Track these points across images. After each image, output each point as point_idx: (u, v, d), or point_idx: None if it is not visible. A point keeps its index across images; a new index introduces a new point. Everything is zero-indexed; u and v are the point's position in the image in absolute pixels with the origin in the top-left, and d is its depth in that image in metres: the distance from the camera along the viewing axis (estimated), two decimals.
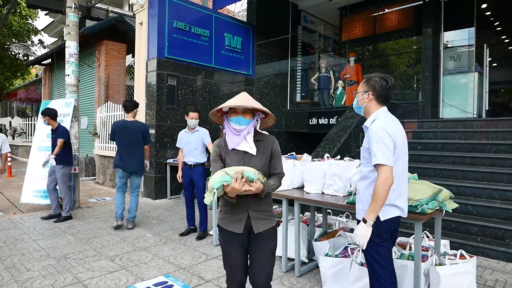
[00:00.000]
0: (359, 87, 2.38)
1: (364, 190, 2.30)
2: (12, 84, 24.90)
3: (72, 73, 6.31)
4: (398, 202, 2.22)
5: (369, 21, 9.70)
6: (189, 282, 3.31)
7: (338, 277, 3.02)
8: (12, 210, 6.05)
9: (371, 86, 2.28)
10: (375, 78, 2.29)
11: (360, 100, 2.34)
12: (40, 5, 9.46)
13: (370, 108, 2.30)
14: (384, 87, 2.25)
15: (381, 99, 2.28)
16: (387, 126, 2.15)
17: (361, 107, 2.35)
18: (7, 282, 3.25)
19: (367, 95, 2.29)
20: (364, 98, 2.31)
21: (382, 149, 2.09)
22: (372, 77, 2.31)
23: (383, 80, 2.26)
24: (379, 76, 2.29)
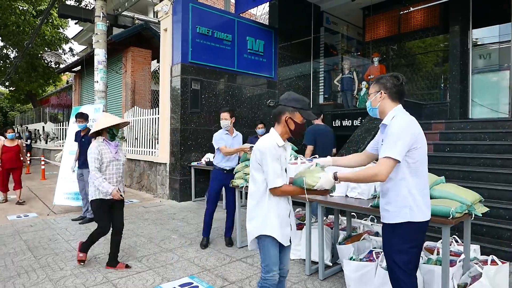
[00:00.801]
0: (371, 88, 2.33)
1: (389, 191, 2.23)
2: (45, 91, 26.08)
3: (100, 79, 6.56)
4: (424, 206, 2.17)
5: (394, 21, 9.52)
6: (213, 283, 3.36)
7: (362, 281, 2.98)
8: (46, 212, 6.34)
9: (382, 84, 2.24)
10: (386, 77, 2.26)
11: (373, 101, 2.29)
12: (71, 15, 9.92)
13: (385, 107, 2.23)
14: (395, 84, 2.21)
15: (395, 96, 2.22)
16: (410, 124, 2.11)
17: (376, 107, 2.28)
18: (42, 280, 3.41)
19: (379, 94, 2.24)
20: (377, 98, 2.25)
21: (399, 144, 2.03)
22: (382, 76, 2.28)
23: (394, 78, 2.22)
24: (389, 75, 2.26)
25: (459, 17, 7.22)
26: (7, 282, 3.36)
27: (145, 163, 8.56)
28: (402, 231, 2.13)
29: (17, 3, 18.32)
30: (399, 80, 2.21)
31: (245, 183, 4.14)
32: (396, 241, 2.15)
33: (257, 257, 4.07)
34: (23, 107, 33.34)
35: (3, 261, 3.91)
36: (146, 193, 8.40)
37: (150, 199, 7.72)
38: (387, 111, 2.22)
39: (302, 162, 3.76)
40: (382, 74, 2.32)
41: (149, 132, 8.63)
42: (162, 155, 7.73)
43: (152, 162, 8.19)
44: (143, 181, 8.68)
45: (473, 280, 2.77)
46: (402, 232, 2.13)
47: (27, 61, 20.58)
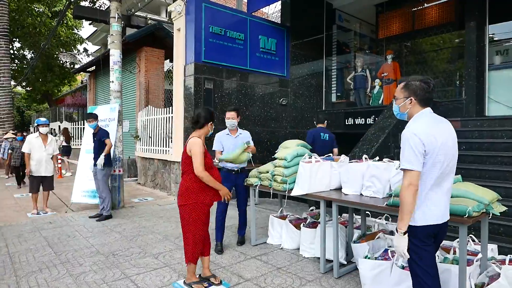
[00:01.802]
0: (399, 92, 2.29)
1: None
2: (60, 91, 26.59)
3: (116, 79, 6.67)
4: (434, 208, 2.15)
5: (408, 17, 9.40)
6: (229, 280, 3.40)
7: (378, 280, 2.99)
8: (64, 209, 6.50)
9: (412, 91, 2.21)
10: (415, 82, 2.22)
11: (402, 107, 2.28)
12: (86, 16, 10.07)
13: (413, 112, 2.24)
14: (426, 90, 2.19)
15: (424, 102, 2.22)
16: (419, 130, 2.09)
17: (405, 113, 2.29)
18: (63, 275, 3.51)
19: (409, 101, 2.23)
20: (406, 104, 2.24)
21: (408, 153, 2.07)
22: (411, 81, 2.24)
23: (424, 83, 2.20)
24: (419, 79, 2.22)
25: (475, 12, 7.09)
26: (30, 277, 3.47)
27: (159, 161, 8.67)
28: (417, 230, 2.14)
29: (33, 5, 18.73)
30: (430, 86, 2.20)
31: (259, 181, 4.17)
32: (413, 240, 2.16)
33: (271, 255, 4.11)
34: (39, 107, 34.05)
35: (25, 256, 4.04)
36: (160, 191, 8.51)
37: (164, 197, 7.83)
38: (414, 115, 2.24)
39: (316, 160, 3.78)
40: (410, 77, 2.28)
41: (163, 131, 8.73)
42: (176, 153, 7.82)
43: (166, 160, 8.30)
44: (157, 180, 8.80)
45: (491, 280, 2.75)
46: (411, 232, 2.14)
47: (44, 62, 21.02)
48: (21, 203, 7.12)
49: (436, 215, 2.14)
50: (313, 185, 3.65)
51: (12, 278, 3.44)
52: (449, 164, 2.15)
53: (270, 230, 4.62)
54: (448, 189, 2.21)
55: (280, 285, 3.30)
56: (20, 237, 4.81)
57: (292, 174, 3.85)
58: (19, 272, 3.58)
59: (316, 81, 9.75)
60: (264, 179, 4.12)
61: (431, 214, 2.13)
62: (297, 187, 3.70)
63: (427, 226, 2.13)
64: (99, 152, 5.80)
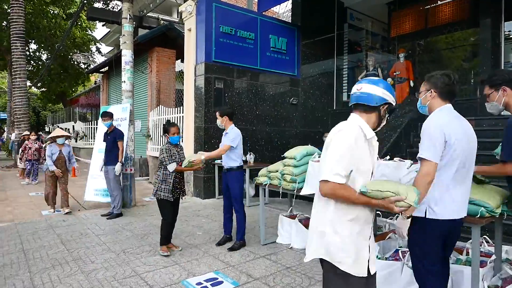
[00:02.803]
0: (422, 86, 2.33)
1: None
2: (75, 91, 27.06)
3: (128, 79, 6.75)
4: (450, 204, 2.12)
5: (420, 15, 9.25)
6: (238, 279, 3.41)
7: (388, 280, 2.95)
8: (76, 207, 6.60)
9: (433, 83, 2.24)
10: (437, 75, 2.24)
11: (423, 99, 2.30)
12: (99, 17, 10.26)
13: (434, 105, 2.24)
14: (447, 83, 2.20)
15: (445, 95, 2.21)
16: (440, 122, 2.09)
17: (425, 106, 2.31)
18: (75, 272, 3.57)
19: (429, 93, 2.25)
20: (427, 97, 2.26)
21: (428, 144, 2.06)
22: (433, 74, 2.27)
23: (445, 76, 2.21)
24: (441, 73, 2.24)
25: (491, 9, 6.94)
26: (43, 273, 3.54)
27: None
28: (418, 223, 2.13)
29: (48, 7, 19.10)
30: (451, 79, 2.20)
31: (269, 180, 4.17)
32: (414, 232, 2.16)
33: (281, 254, 4.10)
34: (54, 107, 34.74)
35: (39, 253, 4.12)
36: None
37: None
38: (434, 109, 2.23)
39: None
40: (433, 72, 2.30)
41: None
42: (187, 153, 7.86)
43: None
44: None
45: (504, 283, 2.69)
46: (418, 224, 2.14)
47: (59, 63, 21.41)
48: (36, 201, 7.27)
49: (452, 211, 2.12)
50: None
51: (26, 274, 3.51)
52: (466, 162, 2.13)
53: (279, 229, 4.61)
54: (466, 186, 2.19)
55: (289, 284, 3.28)
56: (34, 234, 4.91)
57: (302, 173, 3.83)
58: (32, 268, 3.66)
59: (327, 80, 9.69)
60: (274, 178, 4.11)
61: (448, 209, 2.11)
62: (307, 186, 3.69)
63: (442, 221, 2.10)
64: (111, 150, 5.88)
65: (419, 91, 2.37)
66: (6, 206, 6.84)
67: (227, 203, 4.47)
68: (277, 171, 4.06)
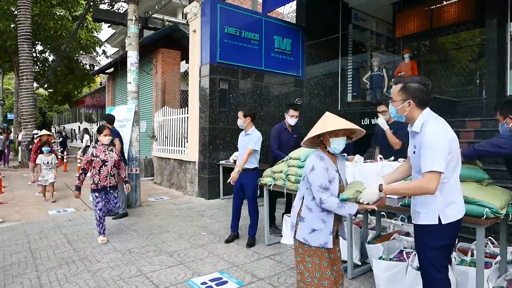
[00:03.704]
0: (396, 95, 2.22)
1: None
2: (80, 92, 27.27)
3: (133, 80, 6.80)
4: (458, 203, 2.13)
5: (426, 15, 9.23)
6: (242, 279, 3.43)
7: (393, 281, 2.95)
8: (82, 207, 6.66)
9: (411, 93, 2.15)
10: (413, 84, 2.16)
11: (400, 110, 2.20)
12: (105, 19, 10.32)
13: (413, 114, 2.18)
14: (425, 92, 2.15)
15: (422, 104, 2.17)
16: (442, 131, 2.06)
17: (402, 116, 2.22)
18: (81, 271, 3.61)
19: (407, 103, 2.16)
20: (405, 107, 2.17)
21: (438, 155, 1.99)
22: (409, 83, 2.18)
23: (422, 85, 2.15)
24: (417, 81, 2.17)
25: (496, 9, 6.89)
26: (50, 272, 3.59)
27: (175, 161, 8.79)
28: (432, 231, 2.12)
29: (55, 9, 19.28)
30: (428, 89, 2.16)
31: (273, 181, 4.18)
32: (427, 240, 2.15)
33: (285, 255, 4.11)
34: (60, 108, 35.03)
35: (46, 252, 4.17)
36: (176, 190, 8.62)
37: (180, 196, 7.92)
38: (415, 117, 2.17)
39: None
40: (407, 79, 2.22)
41: (179, 131, 8.85)
42: (191, 153, 7.92)
43: (182, 160, 8.40)
44: (173, 179, 8.92)
45: (509, 284, 2.68)
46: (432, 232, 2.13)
47: (65, 64, 21.59)
48: (43, 201, 7.34)
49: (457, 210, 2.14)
50: None
51: (33, 273, 3.56)
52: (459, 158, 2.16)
53: (283, 230, 4.62)
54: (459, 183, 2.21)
55: (294, 284, 3.30)
56: (41, 233, 4.96)
57: None
58: (40, 268, 3.70)
59: (332, 81, 9.68)
60: (278, 179, 4.12)
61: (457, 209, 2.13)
62: None
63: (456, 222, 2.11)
64: None
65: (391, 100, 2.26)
66: (13, 206, 6.92)
67: (237, 203, 4.57)
68: (282, 172, 4.07)
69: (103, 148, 4.66)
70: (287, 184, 3.95)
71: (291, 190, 3.96)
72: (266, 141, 8.41)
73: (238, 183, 4.47)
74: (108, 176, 4.61)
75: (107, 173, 4.61)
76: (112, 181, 4.67)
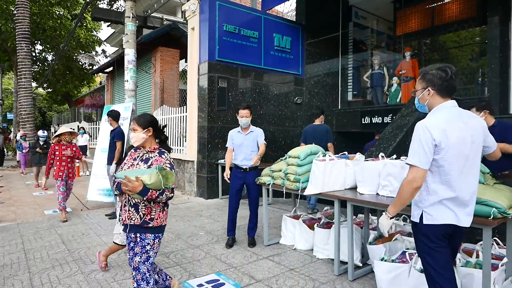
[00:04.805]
0: (417, 84, 2.19)
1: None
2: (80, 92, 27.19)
3: (130, 78, 6.71)
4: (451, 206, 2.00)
5: (427, 13, 9.12)
6: (240, 281, 3.33)
7: (395, 283, 2.85)
8: (79, 207, 6.57)
9: (429, 81, 2.08)
10: (432, 71, 2.08)
11: (421, 98, 2.15)
12: (103, 18, 10.27)
13: (433, 104, 2.10)
14: (444, 79, 2.04)
15: (444, 92, 2.06)
16: (432, 125, 1.95)
17: (424, 105, 2.16)
18: (74, 272, 3.52)
19: (426, 91, 2.09)
20: (425, 96, 2.11)
21: (416, 148, 1.97)
22: (428, 71, 2.11)
23: (441, 71, 2.05)
24: (436, 68, 2.08)
25: (499, 6, 6.80)
26: (42, 273, 3.49)
27: (174, 160, 8.67)
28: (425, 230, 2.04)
29: (54, 8, 19.20)
30: (448, 74, 2.04)
31: (272, 180, 4.09)
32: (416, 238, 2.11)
33: (284, 256, 4.01)
34: (60, 108, 34.95)
35: (39, 253, 4.07)
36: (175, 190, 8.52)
37: (178, 196, 7.83)
38: (434, 108, 2.09)
39: (330, 159, 3.67)
40: (428, 67, 2.14)
41: (177, 130, 8.75)
42: (190, 152, 7.82)
43: (180, 159, 8.31)
44: None
45: None
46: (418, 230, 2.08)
47: (64, 64, 21.51)
48: (39, 201, 7.25)
49: (450, 216, 2.00)
50: (327, 184, 3.54)
51: (26, 275, 3.46)
52: (465, 164, 1.99)
53: (283, 230, 4.52)
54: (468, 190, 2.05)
55: (292, 287, 3.20)
56: (36, 234, 4.87)
57: (306, 172, 3.74)
58: (32, 269, 3.61)
59: (332, 79, 9.58)
60: (277, 178, 4.03)
61: (446, 213, 2.00)
62: (311, 186, 3.60)
63: (440, 226, 2.00)
64: (111, 149, 5.82)
65: (415, 90, 2.20)
66: (9, 205, 6.83)
67: (236, 205, 4.35)
68: (281, 171, 3.98)
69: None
70: (286, 183, 3.86)
71: (290, 189, 3.86)
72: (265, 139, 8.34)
73: (241, 183, 4.33)
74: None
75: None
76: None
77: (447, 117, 2.01)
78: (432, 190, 2.01)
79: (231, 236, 4.41)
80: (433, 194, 2.01)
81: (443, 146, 1.94)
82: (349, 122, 9.09)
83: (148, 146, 2.54)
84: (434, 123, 1.97)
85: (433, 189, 2.01)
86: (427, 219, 2.02)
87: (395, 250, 3.36)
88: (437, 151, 1.96)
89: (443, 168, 1.97)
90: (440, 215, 2.00)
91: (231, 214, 4.37)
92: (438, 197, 2.00)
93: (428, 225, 2.02)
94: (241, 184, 4.33)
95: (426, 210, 2.03)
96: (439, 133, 1.94)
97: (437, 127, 1.95)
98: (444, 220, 2.00)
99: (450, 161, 1.96)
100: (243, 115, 4.28)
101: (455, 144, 1.95)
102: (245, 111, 4.27)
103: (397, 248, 3.39)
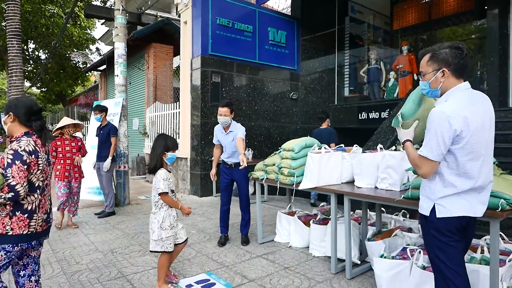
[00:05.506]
0: (425, 67, 1.93)
1: (426, 181, 1.95)
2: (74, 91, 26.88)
3: (120, 73, 6.51)
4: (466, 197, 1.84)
5: (424, 7, 8.98)
6: (231, 280, 3.15)
7: (395, 281, 2.68)
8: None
9: (443, 60, 1.85)
10: (444, 49, 1.86)
11: (433, 82, 1.89)
12: (96, 14, 10.11)
13: (448, 86, 1.87)
14: (460, 57, 1.83)
15: (459, 72, 1.85)
16: (452, 112, 1.75)
17: (438, 89, 1.91)
18: (56, 274, 3.32)
19: (441, 73, 1.86)
20: (438, 78, 1.87)
21: (430, 138, 1.79)
22: (438, 50, 1.88)
23: (456, 49, 1.84)
24: (448, 46, 1.86)
25: None
26: None
27: None
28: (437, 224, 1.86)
29: (46, 6, 18.91)
30: (463, 52, 1.83)
31: (265, 175, 3.91)
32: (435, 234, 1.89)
33: (279, 254, 3.83)
34: (54, 107, 34.59)
35: None
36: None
37: None
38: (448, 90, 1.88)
39: (326, 151, 3.49)
40: (435, 46, 1.92)
41: (171, 126, 8.56)
42: (183, 149, 7.62)
43: None
44: None
45: None
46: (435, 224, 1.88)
47: (57, 62, 21.21)
48: None
49: (465, 206, 1.83)
50: (322, 178, 3.36)
51: (5, 277, 3.26)
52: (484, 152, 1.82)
53: (277, 227, 4.34)
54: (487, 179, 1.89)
55: (287, 286, 3.02)
56: None
57: (300, 166, 3.57)
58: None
59: (328, 74, 9.42)
60: (271, 172, 3.84)
61: (462, 205, 1.83)
62: (306, 180, 3.42)
63: (454, 218, 1.83)
64: (103, 145, 5.62)
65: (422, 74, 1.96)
66: None
67: (227, 200, 4.20)
68: (274, 165, 3.80)
69: None
70: (280, 178, 3.68)
71: (284, 184, 3.69)
72: (258, 136, 8.17)
73: (229, 179, 4.19)
74: None
75: None
76: None
77: (466, 102, 1.80)
78: (449, 182, 1.83)
79: (223, 233, 4.24)
80: (450, 187, 1.83)
81: (463, 135, 1.76)
82: (345, 118, 8.93)
83: (15, 135, 2.11)
84: (454, 110, 1.76)
85: (450, 181, 1.83)
86: (440, 212, 1.84)
87: (395, 246, 3.19)
88: (457, 140, 1.77)
89: (462, 159, 1.79)
90: (454, 207, 1.83)
91: (222, 211, 4.22)
92: (455, 189, 1.83)
93: (441, 219, 1.84)
94: (229, 179, 4.17)
95: (439, 202, 1.85)
96: (460, 121, 1.74)
97: (458, 115, 1.75)
98: (459, 212, 1.82)
99: (470, 150, 1.78)
100: (222, 113, 3.93)
101: (475, 131, 1.78)
102: (224, 109, 3.91)
103: (397, 244, 3.22)
